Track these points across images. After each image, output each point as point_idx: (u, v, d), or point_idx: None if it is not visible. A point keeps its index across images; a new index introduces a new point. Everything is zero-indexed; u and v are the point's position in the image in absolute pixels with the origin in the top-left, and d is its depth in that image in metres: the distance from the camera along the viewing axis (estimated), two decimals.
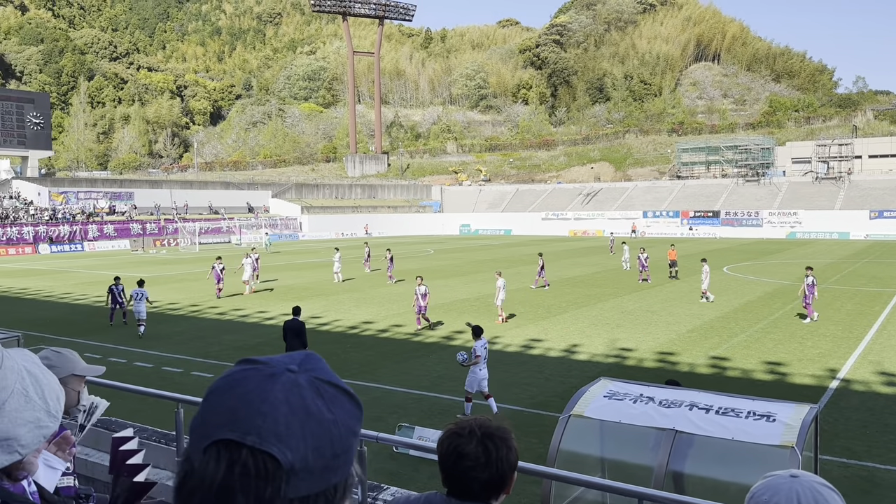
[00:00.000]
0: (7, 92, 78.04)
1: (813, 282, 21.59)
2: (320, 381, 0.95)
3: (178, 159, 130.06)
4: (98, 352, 17.75)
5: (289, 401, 0.91)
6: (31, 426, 1.33)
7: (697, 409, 6.56)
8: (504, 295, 22.65)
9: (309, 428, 0.90)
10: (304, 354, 1.00)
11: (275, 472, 0.87)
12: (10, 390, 1.31)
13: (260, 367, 0.96)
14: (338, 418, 0.94)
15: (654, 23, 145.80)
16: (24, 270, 42.25)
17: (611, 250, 49.57)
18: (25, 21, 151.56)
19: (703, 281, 26.06)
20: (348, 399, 0.98)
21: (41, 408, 1.36)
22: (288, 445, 0.88)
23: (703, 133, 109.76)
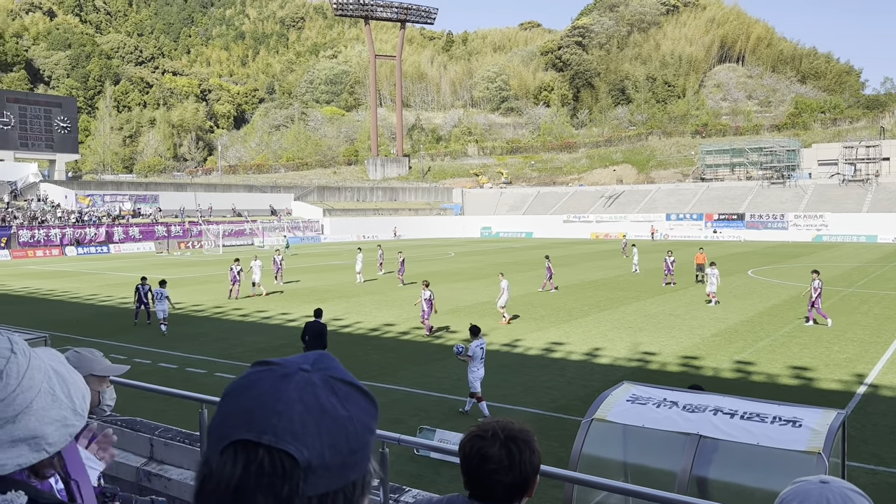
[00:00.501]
0: (35, 96, 79.42)
1: (819, 284, 21.35)
2: (334, 379, 0.96)
3: (202, 162, 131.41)
4: (123, 352, 17.96)
5: (303, 399, 0.92)
6: (57, 425, 1.36)
7: (722, 414, 6.49)
8: (507, 296, 22.69)
9: (324, 425, 0.91)
10: (318, 354, 1.01)
11: (292, 469, 0.88)
12: (37, 389, 1.33)
13: (274, 368, 0.97)
14: (353, 415, 0.94)
15: (677, 24, 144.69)
16: (52, 272, 42.90)
17: (624, 253, 49.14)
18: (53, 27, 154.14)
19: (711, 283, 25.75)
20: (363, 396, 0.98)
21: (68, 406, 1.39)
22: (304, 443, 0.89)
23: (727, 135, 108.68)
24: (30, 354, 1.37)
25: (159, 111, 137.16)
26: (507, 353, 18.00)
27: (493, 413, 12.44)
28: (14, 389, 1.30)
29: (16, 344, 1.37)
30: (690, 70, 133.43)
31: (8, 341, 1.37)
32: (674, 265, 32.08)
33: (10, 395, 1.29)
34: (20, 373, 1.32)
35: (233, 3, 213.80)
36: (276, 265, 34.92)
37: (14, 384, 1.30)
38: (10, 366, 1.31)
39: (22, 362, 1.34)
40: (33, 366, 1.35)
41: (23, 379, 1.32)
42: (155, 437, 6.65)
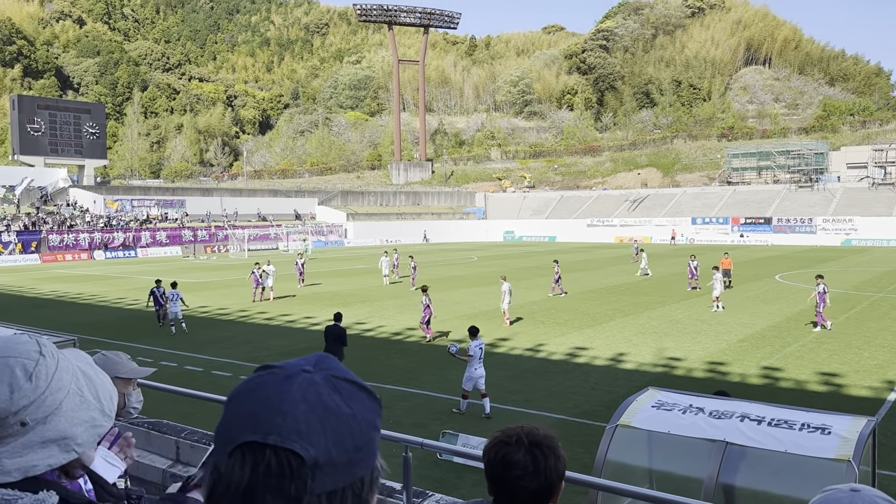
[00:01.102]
0: (65, 103, 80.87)
1: (824, 289, 21.24)
2: (336, 378, 0.97)
3: (228, 168, 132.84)
4: (150, 355, 18.18)
5: (306, 398, 0.93)
6: (86, 425, 1.38)
7: (749, 421, 6.40)
8: (510, 299, 22.91)
9: (329, 423, 0.92)
10: (319, 356, 1.02)
11: (299, 468, 0.88)
12: (66, 391, 1.36)
13: (276, 370, 0.98)
14: (356, 412, 0.95)
15: (702, 26, 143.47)
16: (80, 276, 43.58)
17: (634, 258, 48.36)
18: (83, 34, 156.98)
19: (714, 289, 25.50)
20: (366, 394, 0.99)
21: (96, 407, 1.42)
22: (309, 441, 0.90)
23: (753, 138, 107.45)
24: (58, 356, 1.39)
25: (186, 117, 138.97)
26: (529, 357, 17.93)
27: (516, 418, 12.40)
28: (44, 391, 1.32)
29: (44, 346, 1.39)
30: (716, 73, 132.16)
31: (36, 344, 1.39)
32: (697, 270, 31.80)
33: (39, 397, 1.32)
34: (49, 375, 1.34)
35: (258, 9, 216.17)
36: (298, 269, 35.37)
37: (43, 386, 1.33)
38: (39, 368, 1.34)
39: (51, 364, 1.36)
40: (62, 367, 1.38)
41: (52, 381, 1.34)
42: (181, 439, 6.72)
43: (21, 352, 1.36)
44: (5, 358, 1.34)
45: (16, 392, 1.30)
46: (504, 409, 13.31)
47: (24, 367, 1.33)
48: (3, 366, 1.33)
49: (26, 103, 70.88)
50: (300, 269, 35.43)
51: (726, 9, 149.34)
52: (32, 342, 1.40)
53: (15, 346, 1.37)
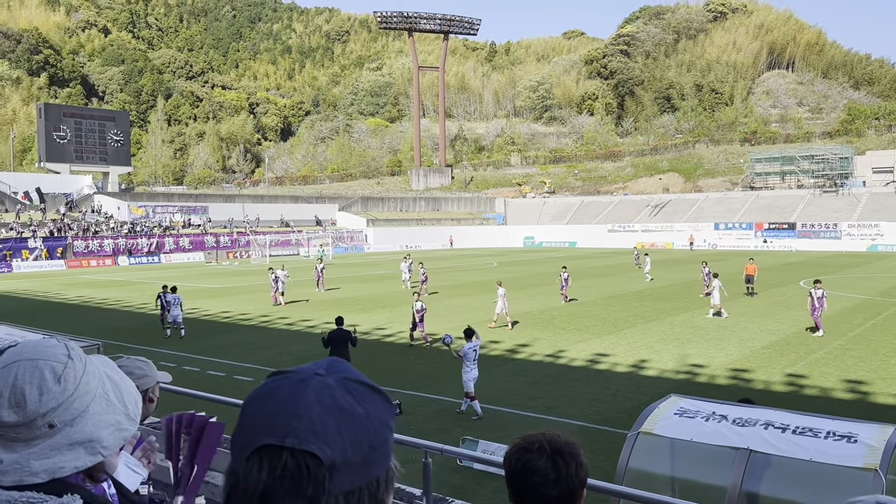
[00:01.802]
0: (90, 111, 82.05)
1: (823, 294, 21.23)
2: (348, 381, 0.99)
3: (250, 174, 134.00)
4: (173, 360, 18.35)
5: (321, 401, 0.94)
6: (112, 429, 1.42)
7: (773, 429, 6.32)
8: (503, 304, 23.26)
9: (344, 424, 0.93)
10: (330, 360, 1.04)
11: (316, 469, 0.90)
12: (92, 394, 1.39)
13: (289, 375, 1.00)
14: (370, 412, 0.97)
15: (724, 31, 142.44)
16: (105, 281, 44.13)
17: (636, 264, 47.74)
18: (108, 43, 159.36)
19: (713, 296, 25.28)
20: (378, 395, 1.01)
21: (121, 411, 1.45)
22: (326, 442, 0.91)
23: (777, 142, 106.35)
24: (85, 360, 1.43)
25: (209, 124, 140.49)
26: (550, 363, 17.85)
27: (536, 425, 12.34)
28: (72, 394, 1.36)
29: (72, 350, 1.43)
30: (738, 77, 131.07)
31: (65, 347, 1.42)
32: (710, 276, 31.59)
33: (67, 400, 1.35)
34: (77, 378, 1.38)
35: (280, 17, 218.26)
36: (317, 274, 35.86)
37: (72, 389, 1.36)
38: (67, 371, 1.37)
39: (79, 368, 1.39)
40: (89, 371, 1.41)
41: (80, 384, 1.38)
42: None
43: (50, 355, 1.39)
44: (34, 360, 1.37)
45: (45, 394, 1.33)
46: (524, 416, 13.25)
47: (53, 369, 1.36)
48: (33, 368, 1.36)
49: (52, 111, 72.03)
50: (319, 274, 35.77)
51: (748, 13, 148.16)
52: (61, 346, 1.43)
53: (44, 350, 1.40)
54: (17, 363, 1.37)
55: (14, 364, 1.37)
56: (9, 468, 1.32)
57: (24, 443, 1.33)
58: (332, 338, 15.04)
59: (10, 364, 1.37)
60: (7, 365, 1.37)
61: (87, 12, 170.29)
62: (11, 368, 1.36)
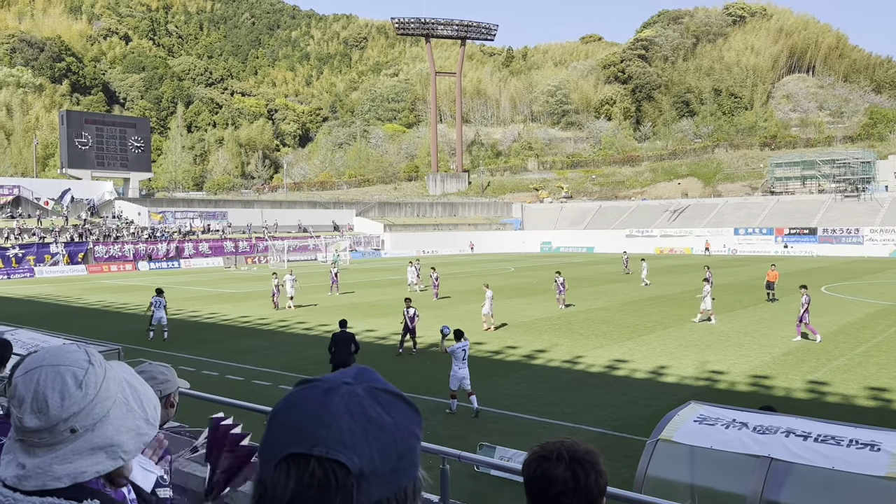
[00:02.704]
0: (111, 117, 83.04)
1: (808, 299, 21.25)
2: (376, 390, 0.99)
3: (268, 180, 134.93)
4: (192, 364, 18.48)
5: (349, 410, 0.94)
6: (132, 433, 1.43)
7: (794, 436, 6.24)
8: (490, 305, 24.08)
9: (372, 433, 0.93)
10: (358, 368, 1.04)
11: (344, 479, 0.89)
12: (113, 399, 1.41)
13: (317, 383, 0.99)
14: (398, 422, 0.96)
15: (744, 34, 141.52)
16: (125, 286, 44.57)
17: (625, 270, 47.24)
18: (129, 50, 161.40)
19: (703, 301, 25.20)
20: (405, 405, 1.01)
21: (140, 416, 1.46)
22: (354, 451, 0.90)
23: (797, 147, 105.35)
24: (105, 366, 1.45)
25: (228, 131, 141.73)
26: (567, 369, 17.77)
27: (554, 431, 12.29)
28: (93, 399, 1.37)
29: (92, 356, 1.44)
30: (758, 81, 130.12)
31: (85, 353, 1.44)
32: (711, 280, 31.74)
33: (89, 405, 1.37)
34: (98, 383, 1.40)
35: (298, 24, 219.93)
36: (332, 278, 36.61)
37: (93, 394, 1.38)
38: (88, 376, 1.39)
39: (99, 373, 1.41)
40: (109, 377, 1.43)
41: (100, 389, 1.39)
42: None
43: (71, 360, 1.40)
44: (56, 366, 1.38)
45: (66, 399, 1.35)
46: (541, 422, 13.20)
47: (75, 375, 1.38)
48: (55, 374, 1.37)
49: (74, 118, 72.98)
50: (334, 278, 36.49)
51: (768, 16, 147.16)
52: (81, 351, 1.44)
53: (65, 355, 1.41)
54: (38, 369, 1.38)
55: (36, 370, 1.38)
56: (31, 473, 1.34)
57: (47, 448, 1.35)
58: (335, 339, 15.58)
59: (32, 370, 1.39)
60: (29, 371, 1.39)
61: (108, 20, 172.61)
62: (33, 374, 1.38)
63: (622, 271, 47.49)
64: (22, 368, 1.41)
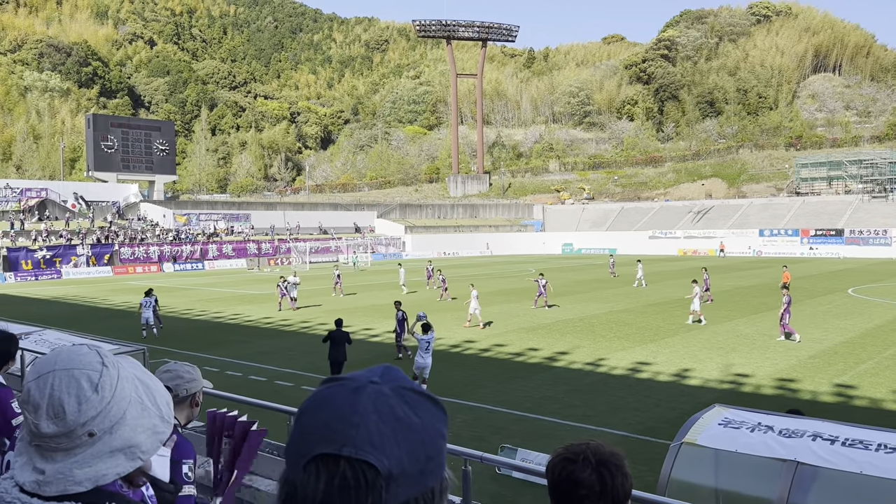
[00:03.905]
0: (137, 121, 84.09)
1: (789, 300, 21.50)
2: (403, 389, 0.98)
3: (291, 182, 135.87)
4: (216, 365, 18.65)
5: (378, 409, 0.93)
6: (149, 433, 1.41)
7: (821, 440, 6.15)
8: (476, 304, 24.93)
9: (401, 433, 0.93)
10: (384, 367, 1.03)
11: (374, 479, 0.89)
12: (128, 399, 1.39)
13: (344, 382, 0.99)
14: (425, 422, 0.96)
15: (768, 34, 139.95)
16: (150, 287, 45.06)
17: (611, 273, 46.46)
18: (154, 54, 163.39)
19: (693, 302, 25.42)
20: (432, 404, 1.01)
21: (156, 414, 1.44)
22: (383, 452, 0.90)
23: (823, 147, 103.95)
24: (118, 366, 1.42)
25: (251, 133, 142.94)
26: (590, 371, 17.68)
27: (576, 434, 12.23)
28: (109, 402, 1.36)
29: (105, 357, 1.42)
30: (783, 80, 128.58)
31: (98, 354, 1.41)
32: (708, 282, 32.02)
33: (106, 408, 1.35)
34: (113, 385, 1.38)
35: (320, 28, 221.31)
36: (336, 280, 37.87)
37: (108, 396, 1.36)
38: (103, 379, 1.37)
39: (113, 374, 1.39)
40: (122, 377, 1.41)
41: (116, 391, 1.38)
42: None
43: (85, 363, 1.38)
44: (70, 370, 1.36)
45: (83, 403, 1.33)
46: (563, 424, 13.14)
47: (90, 378, 1.36)
48: (69, 378, 1.35)
49: (100, 122, 74.00)
50: (337, 280, 37.77)
51: (793, 15, 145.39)
52: (93, 353, 1.42)
53: (78, 358, 1.39)
54: (51, 373, 1.36)
55: (49, 374, 1.35)
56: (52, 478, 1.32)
57: (65, 452, 1.33)
58: (331, 337, 16.18)
59: (45, 374, 1.36)
60: (42, 375, 1.36)
61: (133, 25, 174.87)
62: (47, 379, 1.35)
63: (609, 274, 46.68)
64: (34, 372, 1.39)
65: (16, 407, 4.22)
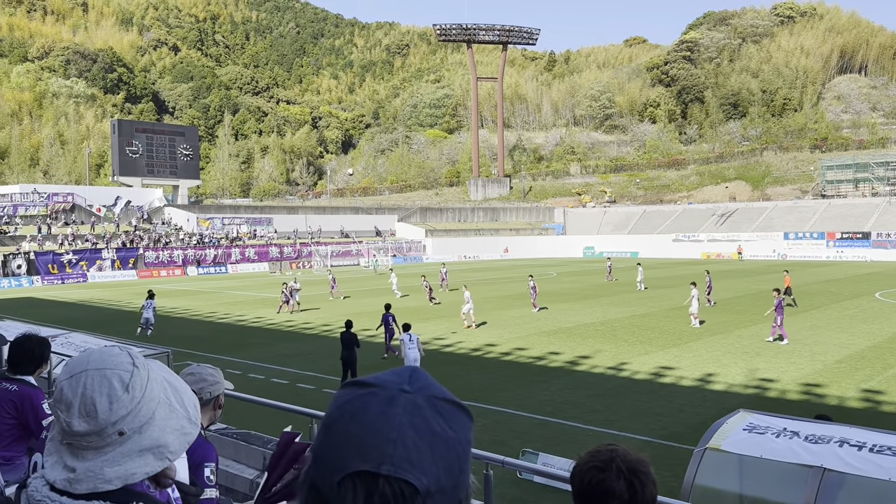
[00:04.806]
0: (161, 126, 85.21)
1: (779, 303, 21.66)
2: (436, 399, 0.96)
3: (312, 186, 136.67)
4: (239, 368, 18.79)
5: (414, 424, 0.92)
6: (177, 433, 1.44)
7: (849, 446, 6.05)
8: (471, 305, 25.56)
9: (437, 450, 0.91)
10: (411, 371, 1.01)
11: (412, 498, 0.88)
12: (157, 400, 1.43)
13: (374, 390, 0.96)
14: (459, 435, 0.95)
15: (792, 35, 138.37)
16: (174, 291, 45.56)
17: (608, 276, 46.09)
18: (178, 60, 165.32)
19: (691, 304, 25.59)
20: (463, 413, 0.99)
21: (183, 416, 1.47)
22: (421, 470, 0.89)
23: (849, 149, 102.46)
24: (148, 367, 1.46)
25: (273, 138, 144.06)
26: (612, 376, 17.56)
27: (598, 439, 12.14)
28: (139, 401, 1.39)
29: (136, 358, 1.46)
30: (807, 82, 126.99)
31: (129, 356, 1.45)
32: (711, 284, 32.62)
33: (136, 407, 1.39)
34: (143, 385, 1.41)
35: (342, 33, 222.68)
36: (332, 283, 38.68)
37: (139, 396, 1.39)
38: (134, 379, 1.41)
39: (143, 375, 1.43)
40: (152, 378, 1.45)
41: (146, 391, 1.41)
42: (268, 450, 6.89)
43: (116, 363, 1.42)
44: (102, 370, 1.40)
45: (114, 403, 1.36)
46: (585, 429, 13.06)
47: (121, 378, 1.40)
48: (101, 378, 1.39)
49: (125, 127, 75.03)
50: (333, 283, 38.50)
51: (818, 16, 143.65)
52: (124, 354, 1.46)
53: (110, 358, 1.43)
54: (84, 373, 1.39)
55: (81, 374, 1.39)
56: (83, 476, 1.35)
57: (95, 451, 1.36)
58: (342, 339, 16.86)
59: (78, 374, 1.39)
60: (74, 375, 1.40)
61: (158, 31, 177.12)
62: (79, 378, 1.39)
63: (606, 278, 46.22)
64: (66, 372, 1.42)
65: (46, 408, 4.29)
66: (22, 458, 4.29)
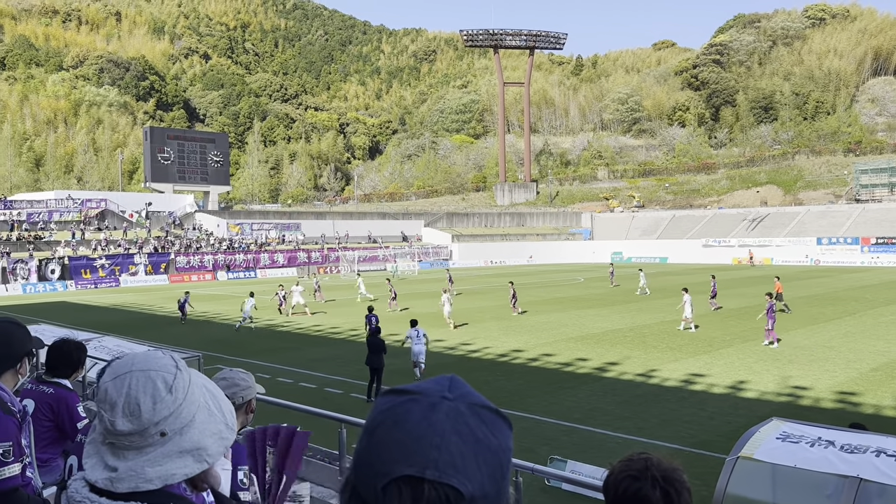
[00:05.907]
0: (192, 133, 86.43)
1: (771, 307, 21.69)
2: (477, 407, 0.97)
3: (340, 192, 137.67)
4: (267, 372, 18.95)
5: (458, 430, 0.92)
6: (215, 437, 1.48)
7: (886, 456, 5.92)
8: (449, 307, 27.05)
9: (481, 456, 0.92)
10: (449, 379, 1.01)
11: (457, 503, 0.88)
12: (197, 404, 1.47)
13: (415, 397, 0.96)
14: (502, 443, 0.95)
15: (824, 37, 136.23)
16: (205, 295, 46.09)
17: (611, 282, 45.97)
18: (208, 68, 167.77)
19: (684, 310, 25.52)
20: (503, 421, 1.00)
21: (221, 420, 1.51)
22: (466, 476, 0.89)
23: (884, 153, 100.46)
24: (189, 372, 1.50)
25: (301, 144, 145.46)
26: (641, 383, 17.38)
27: (627, 447, 12.02)
28: (181, 403, 1.44)
29: (179, 361, 1.50)
30: (840, 84, 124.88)
31: (172, 359, 1.50)
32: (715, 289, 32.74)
33: (178, 409, 1.43)
34: (185, 388, 1.46)
35: (369, 40, 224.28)
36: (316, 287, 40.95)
37: (181, 398, 1.44)
38: (177, 381, 1.45)
39: (185, 378, 1.47)
40: (193, 382, 1.49)
41: (188, 394, 1.45)
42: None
43: (160, 366, 1.46)
44: (147, 371, 1.44)
45: (158, 403, 1.41)
46: (614, 437, 12.93)
47: (165, 379, 1.44)
48: (146, 378, 1.43)
49: (157, 134, 76.26)
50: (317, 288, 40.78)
51: (851, 18, 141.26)
52: (168, 357, 1.50)
53: (154, 360, 1.47)
54: (129, 374, 1.44)
55: (127, 374, 1.44)
56: (124, 475, 1.39)
57: (136, 451, 1.40)
58: (368, 344, 17.00)
59: (123, 374, 1.44)
60: (119, 376, 1.44)
61: (189, 40, 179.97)
62: (125, 379, 1.43)
63: (609, 284, 46.11)
64: (111, 373, 1.45)
65: (81, 411, 4.36)
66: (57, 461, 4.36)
